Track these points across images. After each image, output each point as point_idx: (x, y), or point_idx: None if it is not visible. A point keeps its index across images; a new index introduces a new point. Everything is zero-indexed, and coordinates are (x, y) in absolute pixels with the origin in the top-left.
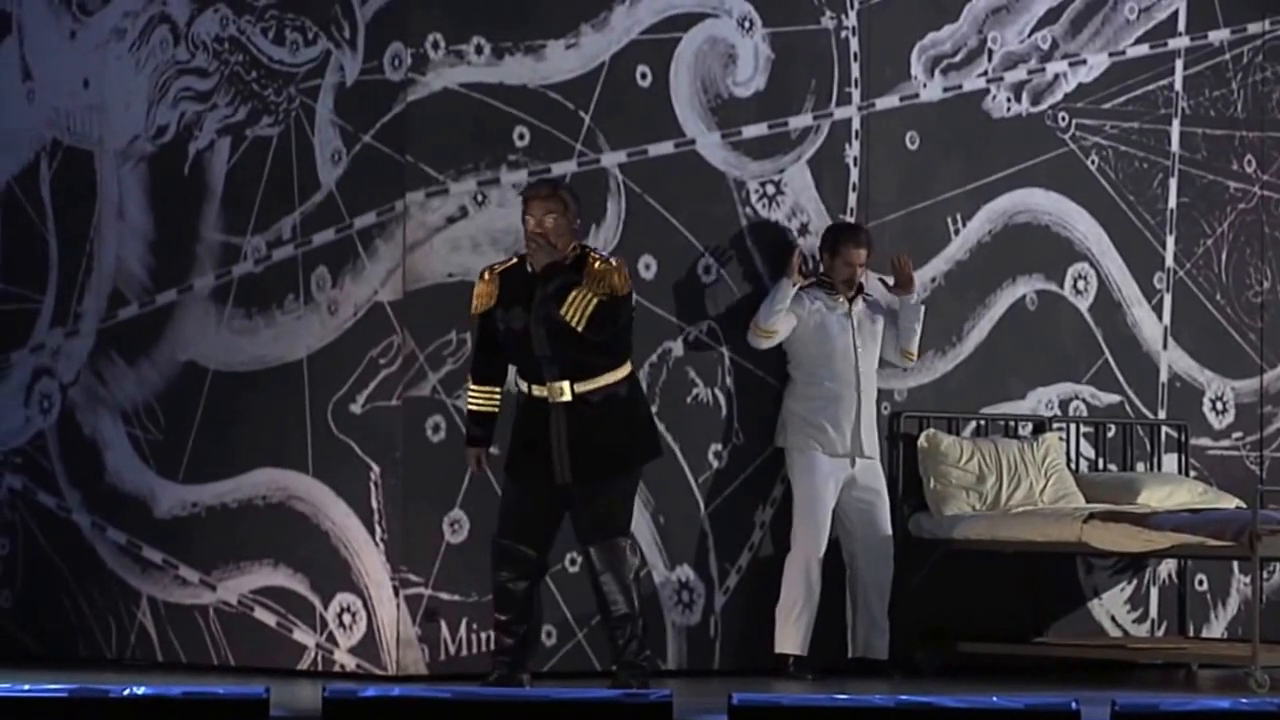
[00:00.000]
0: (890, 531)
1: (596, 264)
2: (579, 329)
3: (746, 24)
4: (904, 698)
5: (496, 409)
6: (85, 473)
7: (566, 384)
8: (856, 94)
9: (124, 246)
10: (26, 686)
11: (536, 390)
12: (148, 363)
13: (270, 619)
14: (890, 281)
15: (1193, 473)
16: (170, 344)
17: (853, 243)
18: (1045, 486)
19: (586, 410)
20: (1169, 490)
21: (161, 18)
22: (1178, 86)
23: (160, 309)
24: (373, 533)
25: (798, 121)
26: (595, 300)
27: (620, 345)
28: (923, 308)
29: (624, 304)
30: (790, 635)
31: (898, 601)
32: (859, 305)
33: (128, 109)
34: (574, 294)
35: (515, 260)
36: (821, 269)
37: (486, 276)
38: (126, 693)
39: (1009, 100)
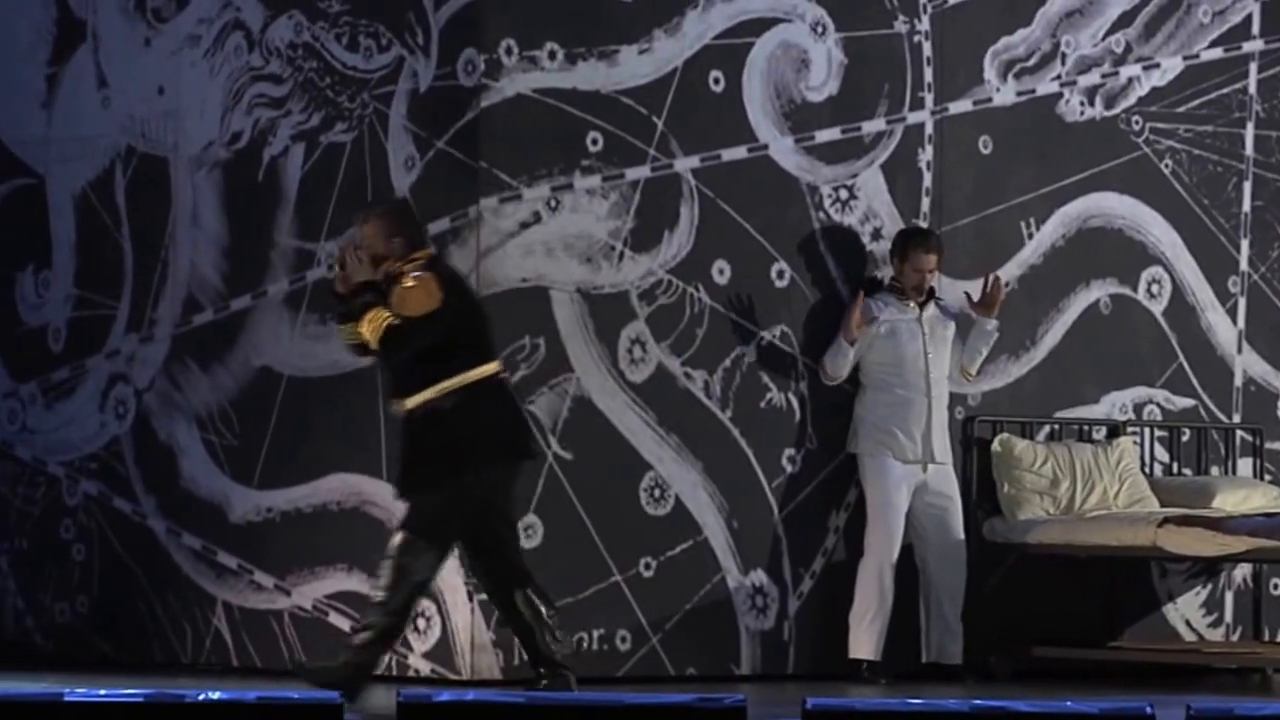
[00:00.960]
0: (963, 536)
1: (404, 281)
2: (376, 349)
3: (819, 29)
4: (978, 702)
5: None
6: (160, 478)
7: (402, 400)
8: (930, 98)
9: (198, 252)
10: (103, 691)
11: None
12: (222, 368)
13: (345, 624)
14: (975, 297)
15: (1268, 476)
16: (244, 349)
17: (922, 248)
18: (1119, 491)
19: (413, 425)
20: (1244, 494)
21: (235, 24)
22: (1252, 90)
23: (234, 315)
24: None
25: (871, 126)
26: (386, 323)
27: (428, 364)
28: (997, 334)
29: (420, 326)
30: (864, 640)
31: (971, 606)
32: (930, 311)
33: (202, 115)
34: (372, 314)
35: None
36: (891, 275)
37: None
38: (201, 697)
39: (1082, 104)
